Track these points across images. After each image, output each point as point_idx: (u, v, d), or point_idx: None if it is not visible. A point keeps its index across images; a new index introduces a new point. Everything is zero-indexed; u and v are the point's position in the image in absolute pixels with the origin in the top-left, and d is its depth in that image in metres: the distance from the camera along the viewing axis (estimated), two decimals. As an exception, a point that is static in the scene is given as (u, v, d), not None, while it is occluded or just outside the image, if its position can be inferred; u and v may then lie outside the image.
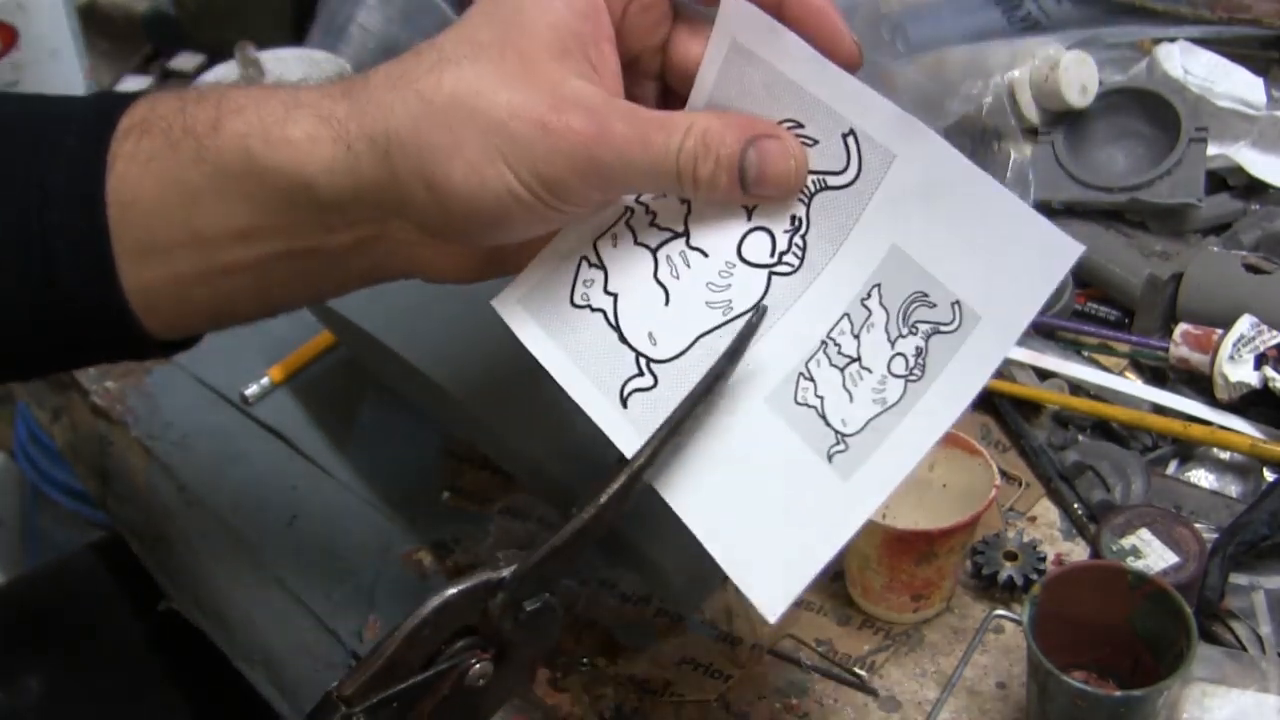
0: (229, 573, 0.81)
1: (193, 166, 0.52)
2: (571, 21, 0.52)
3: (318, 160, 0.51)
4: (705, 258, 0.55)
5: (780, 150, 0.53)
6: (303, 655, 0.76)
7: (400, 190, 0.51)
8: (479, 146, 0.50)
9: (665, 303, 0.55)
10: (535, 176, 0.50)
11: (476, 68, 0.51)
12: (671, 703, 0.67)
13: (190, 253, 0.53)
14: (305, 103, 0.52)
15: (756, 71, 0.54)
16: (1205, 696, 0.60)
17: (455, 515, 0.78)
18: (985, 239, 0.49)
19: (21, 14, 0.91)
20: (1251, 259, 0.81)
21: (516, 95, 0.50)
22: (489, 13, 0.52)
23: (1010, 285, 0.49)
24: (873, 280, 0.52)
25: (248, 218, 0.53)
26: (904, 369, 0.50)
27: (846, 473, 0.50)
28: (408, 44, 1.00)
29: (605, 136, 0.50)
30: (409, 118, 0.50)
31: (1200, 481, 0.76)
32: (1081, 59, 0.90)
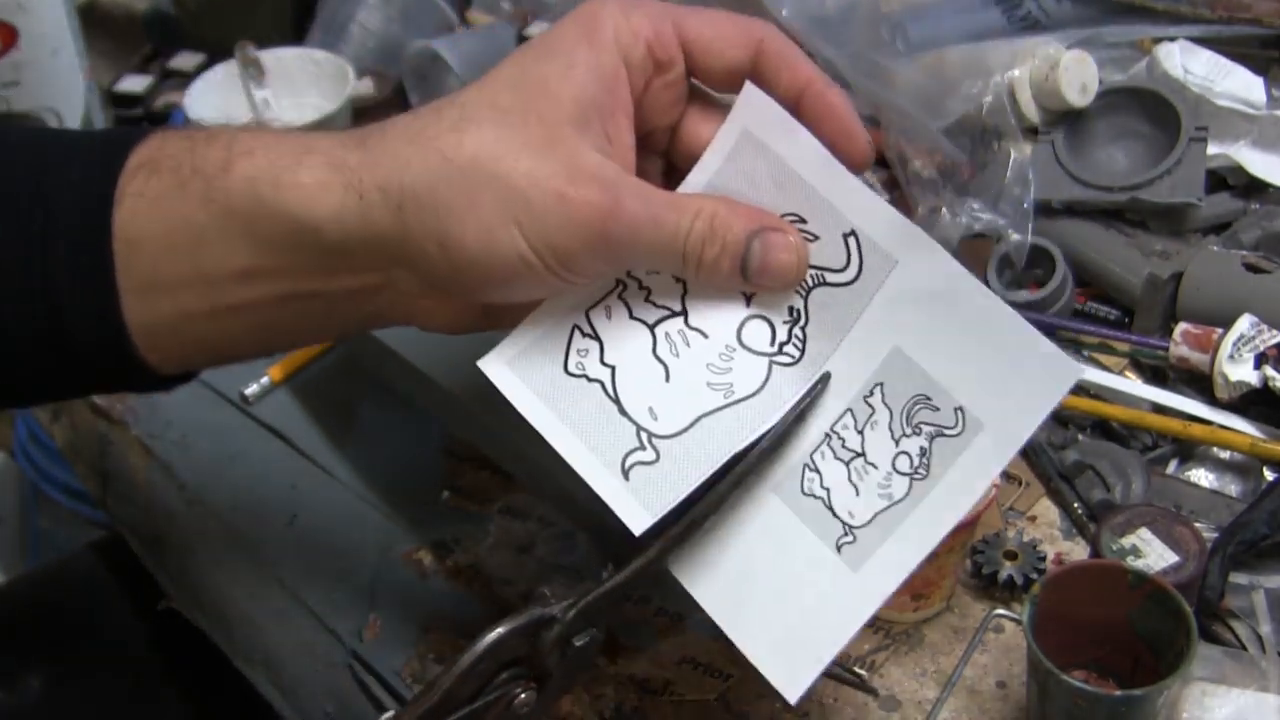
0: (229, 572, 0.81)
1: (200, 206, 0.52)
2: (594, 93, 0.52)
3: (327, 206, 0.51)
4: (705, 339, 0.55)
5: (784, 244, 0.54)
6: (303, 655, 0.76)
7: (410, 244, 0.51)
8: (494, 210, 0.50)
9: (665, 379, 0.55)
10: (547, 245, 0.51)
11: (498, 132, 0.51)
12: (671, 702, 0.67)
13: (194, 291, 0.54)
14: (317, 149, 0.52)
15: (764, 162, 0.55)
16: (1205, 696, 0.60)
17: (455, 515, 0.78)
18: (989, 353, 0.51)
19: (21, 13, 0.91)
20: (1251, 258, 0.81)
21: (536, 163, 0.51)
22: (513, 79, 0.53)
23: (1013, 400, 0.51)
24: (875, 379, 0.53)
25: (252, 258, 0.53)
26: (909, 467, 0.52)
27: (856, 564, 0.52)
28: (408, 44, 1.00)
29: (619, 212, 0.51)
30: (427, 174, 0.51)
31: (1200, 481, 0.76)
32: (1081, 58, 0.90)
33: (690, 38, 0.55)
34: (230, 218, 0.52)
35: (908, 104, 0.90)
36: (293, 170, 0.52)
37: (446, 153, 0.51)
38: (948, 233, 0.87)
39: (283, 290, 0.54)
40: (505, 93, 0.52)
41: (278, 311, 0.55)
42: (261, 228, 0.52)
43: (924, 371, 0.53)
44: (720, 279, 0.54)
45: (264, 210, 0.52)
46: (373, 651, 0.72)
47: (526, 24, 1.12)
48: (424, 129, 0.52)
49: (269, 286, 0.54)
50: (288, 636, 0.77)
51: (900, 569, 0.52)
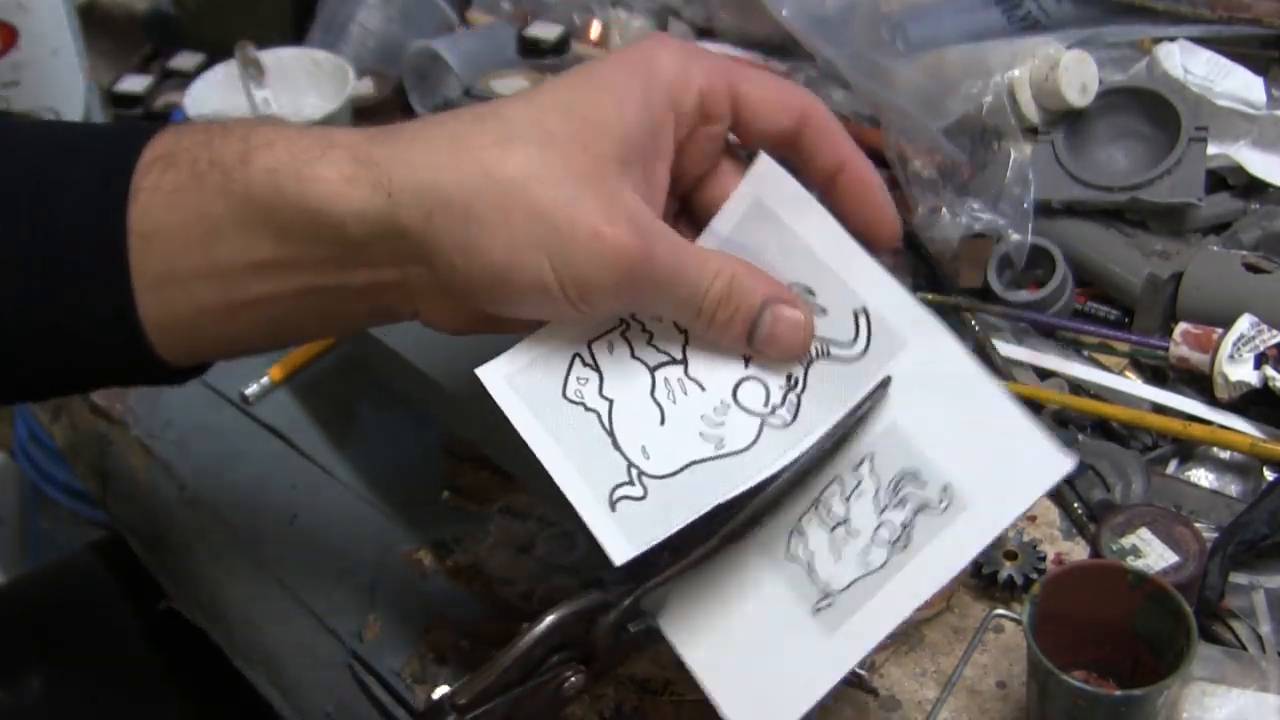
0: (229, 572, 0.81)
1: (218, 199, 0.52)
2: (640, 135, 0.53)
3: (351, 201, 0.51)
4: (702, 391, 0.56)
5: (794, 320, 0.55)
6: (303, 655, 0.76)
7: (434, 248, 0.51)
8: (526, 232, 0.50)
9: (660, 422, 0.56)
10: (572, 276, 0.51)
11: (544, 155, 0.51)
12: (671, 703, 0.67)
13: (209, 285, 0.54)
14: (340, 143, 0.52)
15: (774, 231, 0.56)
16: (1205, 696, 0.60)
17: (455, 515, 0.78)
18: (985, 438, 0.53)
19: (21, 13, 0.91)
20: (1251, 258, 0.81)
21: (576, 194, 0.51)
22: (563, 104, 0.53)
23: (1000, 485, 0.52)
24: (866, 450, 0.54)
25: (270, 251, 0.53)
26: (889, 537, 0.53)
27: (831, 628, 0.53)
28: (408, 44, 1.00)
29: (648, 259, 0.51)
30: (465, 184, 0.51)
31: (1200, 481, 0.76)
32: (1081, 58, 0.90)
33: (741, 97, 0.55)
34: (249, 209, 0.52)
35: (908, 104, 0.90)
36: (316, 163, 0.52)
37: (488, 166, 0.51)
38: (948, 233, 0.87)
39: (299, 284, 0.54)
40: (554, 116, 0.52)
41: (292, 305, 0.54)
42: (280, 220, 0.52)
43: (916, 448, 0.54)
44: (727, 339, 0.55)
45: (284, 202, 0.52)
46: (373, 651, 0.72)
47: (526, 24, 1.12)
48: (465, 137, 0.52)
49: (285, 280, 0.54)
50: (288, 636, 0.77)
51: (872, 636, 0.53)
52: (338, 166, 0.52)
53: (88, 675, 0.95)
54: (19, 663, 0.94)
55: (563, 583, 0.73)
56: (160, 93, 1.10)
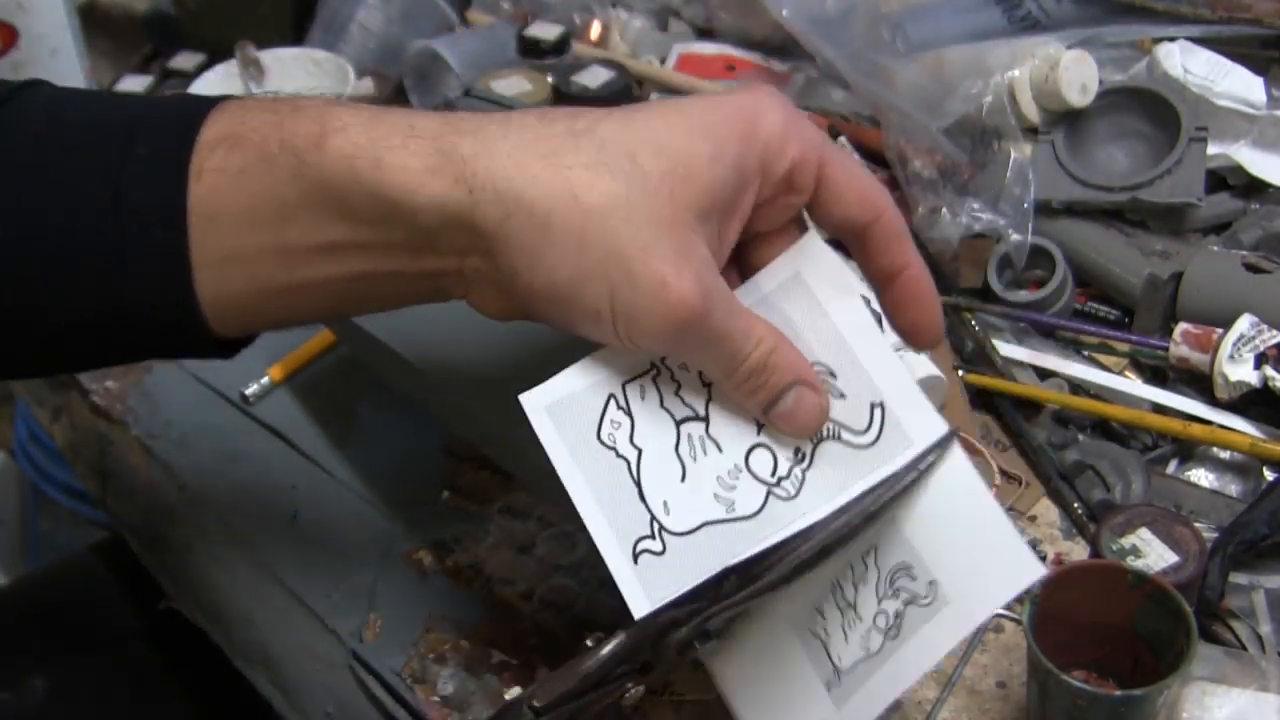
0: (229, 572, 0.81)
1: (290, 182, 0.52)
2: (726, 192, 0.53)
3: (431, 191, 0.51)
4: (719, 453, 0.58)
5: (813, 404, 0.55)
6: (303, 655, 0.76)
7: (503, 249, 0.51)
8: (595, 264, 0.51)
9: (681, 479, 0.58)
10: (626, 316, 0.51)
11: (631, 192, 0.51)
12: (671, 703, 0.67)
13: (274, 266, 0.54)
14: (423, 132, 0.52)
15: (809, 308, 0.57)
16: (1205, 696, 0.60)
17: (455, 515, 0.78)
18: (969, 540, 0.57)
19: (21, 13, 0.91)
20: (1251, 258, 0.81)
21: (653, 239, 0.51)
22: (660, 143, 0.52)
23: (979, 584, 0.56)
24: (871, 541, 0.58)
25: (342, 234, 0.53)
26: (885, 625, 0.57)
27: (839, 702, 0.58)
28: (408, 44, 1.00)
29: (704, 318, 0.52)
30: (549, 200, 0.51)
31: (1200, 481, 0.76)
32: (1081, 58, 0.90)
33: (826, 179, 0.55)
34: (323, 193, 0.52)
35: (908, 104, 0.90)
36: (398, 151, 0.52)
37: (576, 189, 0.51)
38: (948, 233, 0.87)
39: (364, 268, 0.54)
40: (648, 151, 0.52)
41: (353, 286, 0.55)
42: (355, 205, 0.52)
43: (911, 544, 0.58)
44: (745, 402, 0.56)
45: (360, 189, 0.52)
46: (373, 651, 0.72)
47: (526, 24, 1.12)
48: (559, 151, 0.52)
49: (351, 263, 0.54)
50: (288, 636, 0.77)
51: (870, 714, 0.57)
52: (421, 158, 0.51)
53: (89, 675, 0.95)
54: (21, 663, 0.95)
55: (563, 583, 0.73)
56: (160, 93, 1.10)
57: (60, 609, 1.01)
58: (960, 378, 0.83)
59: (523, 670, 0.69)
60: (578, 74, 1.04)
